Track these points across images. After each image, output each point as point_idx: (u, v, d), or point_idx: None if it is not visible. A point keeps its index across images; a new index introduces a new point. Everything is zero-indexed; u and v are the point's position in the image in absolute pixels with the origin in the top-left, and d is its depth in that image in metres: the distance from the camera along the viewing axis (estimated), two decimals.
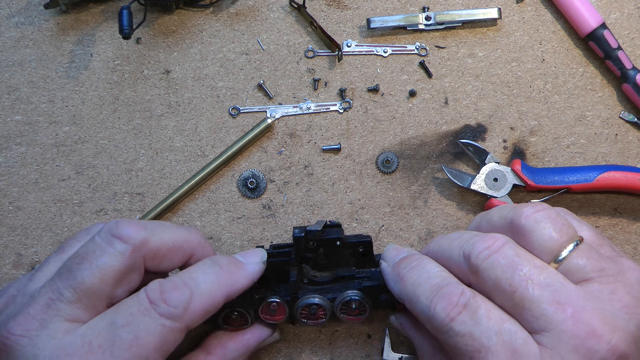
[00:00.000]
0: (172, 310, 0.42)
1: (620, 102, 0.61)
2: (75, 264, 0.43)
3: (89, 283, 0.42)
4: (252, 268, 0.49)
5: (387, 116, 0.62)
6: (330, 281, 0.54)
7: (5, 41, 0.64)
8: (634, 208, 0.60)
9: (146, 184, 0.62)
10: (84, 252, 0.44)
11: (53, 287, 0.43)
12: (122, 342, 0.41)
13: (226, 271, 0.47)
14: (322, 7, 0.63)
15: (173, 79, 0.63)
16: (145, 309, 0.42)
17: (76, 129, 0.63)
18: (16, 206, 0.62)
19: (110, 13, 0.64)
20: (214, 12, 0.64)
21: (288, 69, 0.63)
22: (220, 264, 0.47)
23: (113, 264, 0.43)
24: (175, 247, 0.47)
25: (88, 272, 0.43)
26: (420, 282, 0.45)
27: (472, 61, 0.62)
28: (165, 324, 0.42)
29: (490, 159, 0.59)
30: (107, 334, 0.41)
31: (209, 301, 0.45)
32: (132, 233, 0.44)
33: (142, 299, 0.43)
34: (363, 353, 0.59)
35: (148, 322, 0.42)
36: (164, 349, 0.42)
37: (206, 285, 0.45)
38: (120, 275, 0.44)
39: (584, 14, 0.60)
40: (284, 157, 0.62)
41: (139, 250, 0.44)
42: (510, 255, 0.42)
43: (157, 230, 0.46)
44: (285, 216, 0.61)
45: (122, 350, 0.41)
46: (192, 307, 0.43)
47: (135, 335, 0.41)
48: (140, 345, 0.41)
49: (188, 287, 0.44)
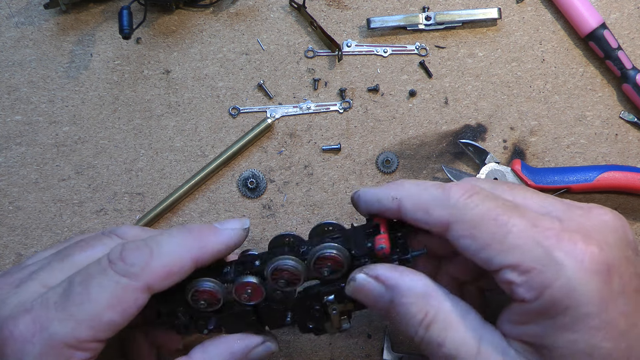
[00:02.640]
0: (128, 268, 0.42)
1: (620, 102, 0.61)
2: (73, 244, 0.46)
3: (77, 259, 0.45)
4: (228, 233, 0.47)
5: (387, 116, 0.62)
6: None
7: (5, 41, 0.64)
8: (634, 208, 0.60)
9: (146, 184, 0.62)
10: (86, 238, 0.47)
11: (46, 259, 0.45)
12: (75, 298, 0.41)
13: (196, 234, 0.46)
14: (322, 7, 0.63)
15: (173, 79, 0.63)
16: (102, 268, 0.42)
17: (76, 129, 0.63)
18: (16, 206, 0.62)
19: (110, 13, 0.64)
20: (214, 12, 0.64)
21: (288, 69, 0.63)
22: (189, 227, 0.46)
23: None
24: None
25: (80, 250, 0.45)
26: (421, 182, 0.46)
27: (472, 61, 0.62)
28: (119, 281, 0.42)
29: (490, 159, 0.59)
30: (63, 291, 0.42)
31: (172, 262, 0.44)
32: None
33: (102, 259, 0.43)
34: (363, 353, 0.59)
35: (102, 280, 0.42)
36: (121, 309, 0.42)
37: (170, 245, 0.44)
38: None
39: (584, 14, 0.60)
40: (284, 157, 0.62)
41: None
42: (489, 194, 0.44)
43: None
44: (285, 216, 0.61)
45: (74, 306, 0.41)
46: (152, 266, 0.43)
47: (87, 291, 0.41)
48: (93, 302, 0.41)
49: (149, 246, 0.44)
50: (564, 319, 0.38)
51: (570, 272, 0.38)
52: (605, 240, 0.39)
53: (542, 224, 0.40)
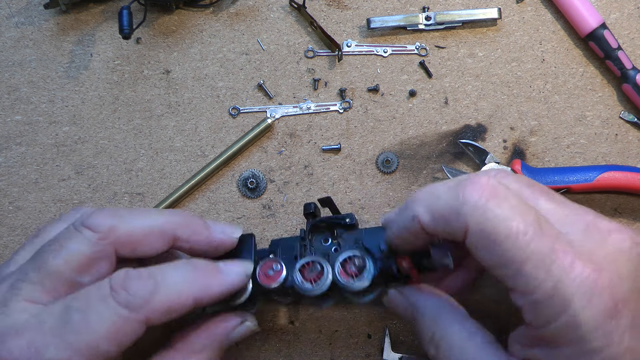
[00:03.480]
0: (130, 299, 0.41)
1: (620, 102, 0.61)
2: (46, 246, 0.44)
3: (53, 265, 0.42)
4: (231, 278, 0.46)
5: (387, 116, 0.62)
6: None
7: (5, 41, 0.64)
8: (634, 208, 0.60)
9: (146, 184, 0.62)
10: (56, 238, 0.44)
11: (22, 268, 0.43)
12: (73, 326, 0.40)
13: (200, 272, 0.45)
14: (322, 7, 0.63)
15: (173, 79, 0.63)
16: (103, 295, 0.41)
17: (76, 129, 0.63)
18: (16, 206, 0.62)
19: (110, 13, 0.64)
20: (214, 12, 0.64)
21: (288, 69, 0.63)
22: (195, 264, 0.45)
23: (80, 248, 0.43)
24: (153, 232, 0.45)
25: (54, 255, 0.43)
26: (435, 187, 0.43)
27: (472, 61, 0.62)
28: (120, 313, 0.41)
29: (490, 159, 0.59)
30: (60, 317, 0.40)
31: (174, 298, 0.43)
32: (100, 221, 0.44)
33: (103, 285, 0.42)
34: (363, 353, 0.59)
35: (103, 309, 0.40)
36: (118, 340, 0.41)
37: (174, 280, 0.43)
38: (87, 260, 0.43)
39: (584, 14, 0.60)
40: (284, 157, 0.62)
41: (107, 238, 0.44)
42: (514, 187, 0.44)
43: (128, 217, 0.45)
44: (285, 216, 0.61)
45: (71, 334, 0.40)
46: (155, 300, 0.42)
47: (86, 320, 0.40)
48: (91, 332, 0.40)
49: (153, 278, 0.43)
50: (567, 350, 0.38)
51: (577, 307, 0.37)
52: (618, 272, 0.39)
53: (558, 249, 0.38)
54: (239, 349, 0.59)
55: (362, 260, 0.48)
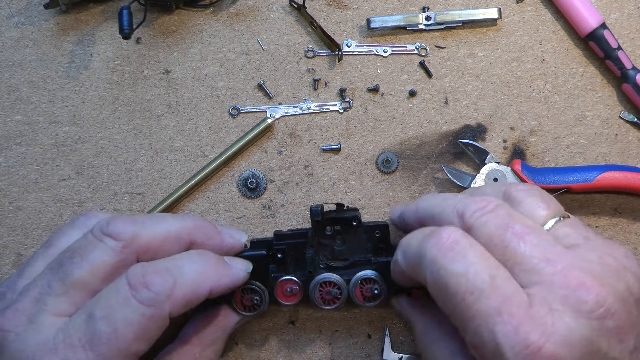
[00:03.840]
0: (153, 296, 0.41)
1: (620, 102, 0.61)
2: (66, 258, 0.43)
3: (78, 276, 0.42)
4: (237, 273, 0.48)
5: (387, 116, 0.62)
6: (346, 267, 0.54)
7: (5, 41, 0.64)
8: (634, 208, 0.60)
9: (146, 184, 0.62)
10: (76, 247, 0.44)
11: (43, 280, 0.43)
12: (101, 335, 0.40)
13: (214, 265, 0.46)
14: (322, 7, 0.63)
15: (173, 79, 0.63)
16: (124, 298, 0.41)
17: (76, 129, 0.63)
18: (16, 206, 0.62)
19: (110, 13, 0.64)
20: (214, 12, 0.64)
21: (288, 69, 0.63)
22: (207, 256, 0.47)
23: (104, 258, 0.43)
24: (171, 237, 0.46)
25: (78, 265, 0.42)
26: (413, 235, 0.45)
27: (472, 61, 0.62)
28: (145, 313, 0.41)
29: (490, 159, 0.59)
30: (86, 328, 0.40)
31: (192, 290, 0.43)
32: (122, 229, 0.44)
33: (121, 286, 0.41)
34: (363, 353, 0.59)
35: (127, 313, 0.40)
36: (146, 337, 0.41)
37: (191, 273, 0.44)
38: (112, 270, 0.43)
39: (584, 14, 0.60)
40: (284, 157, 0.62)
41: (130, 246, 0.44)
42: (503, 214, 0.42)
43: (149, 223, 0.46)
44: (285, 216, 0.61)
45: (101, 344, 0.40)
46: (175, 294, 0.42)
47: (113, 327, 0.40)
48: (120, 338, 0.40)
49: (171, 273, 0.43)
50: None
51: None
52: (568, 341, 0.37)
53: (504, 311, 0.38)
54: (239, 349, 0.59)
55: (380, 288, 0.53)
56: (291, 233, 0.55)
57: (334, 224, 0.55)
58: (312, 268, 0.53)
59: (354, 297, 0.53)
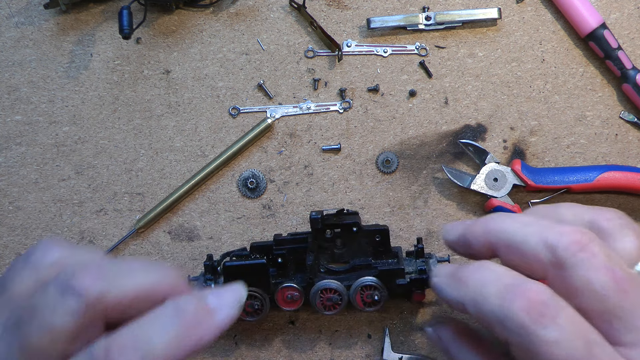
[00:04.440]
0: None
1: (620, 102, 0.61)
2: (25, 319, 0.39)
3: (38, 345, 0.37)
4: (225, 314, 0.40)
5: (387, 116, 0.62)
6: (347, 271, 0.55)
7: (5, 41, 0.64)
8: (634, 208, 0.60)
9: (146, 184, 0.62)
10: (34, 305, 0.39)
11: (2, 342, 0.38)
12: None
13: (192, 323, 0.39)
14: (322, 7, 0.63)
15: (173, 79, 0.63)
16: None
17: (76, 129, 0.63)
18: (16, 206, 0.62)
19: (110, 13, 0.64)
20: (214, 12, 0.64)
21: (288, 69, 0.63)
22: (185, 311, 0.39)
23: (64, 324, 0.38)
24: (142, 295, 0.40)
25: (37, 332, 0.38)
26: (487, 282, 0.39)
27: (472, 61, 0.62)
28: None
29: (490, 159, 0.59)
30: None
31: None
32: (88, 285, 0.38)
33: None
34: (363, 353, 0.59)
35: None
36: None
37: (162, 345, 0.37)
38: (74, 334, 0.38)
39: (584, 14, 0.60)
40: (284, 157, 0.62)
41: (95, 306, 0.38)
42: (600, 254, 0.37)
43: (120, 278, 0.40)
44: (285, 216, 0.61)
45: None
46: None
47: None
48: None
49: (139, 349, 0.37)
50: None
51: None
52: None
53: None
54: (239, 349, 0.59)
55: (380, 294, 0.53)
56: (291, 238, 0.55)
57: (334, 229, 0.55)
58: (313, 274, 0.54)
59: (355, 302, 0.54)
